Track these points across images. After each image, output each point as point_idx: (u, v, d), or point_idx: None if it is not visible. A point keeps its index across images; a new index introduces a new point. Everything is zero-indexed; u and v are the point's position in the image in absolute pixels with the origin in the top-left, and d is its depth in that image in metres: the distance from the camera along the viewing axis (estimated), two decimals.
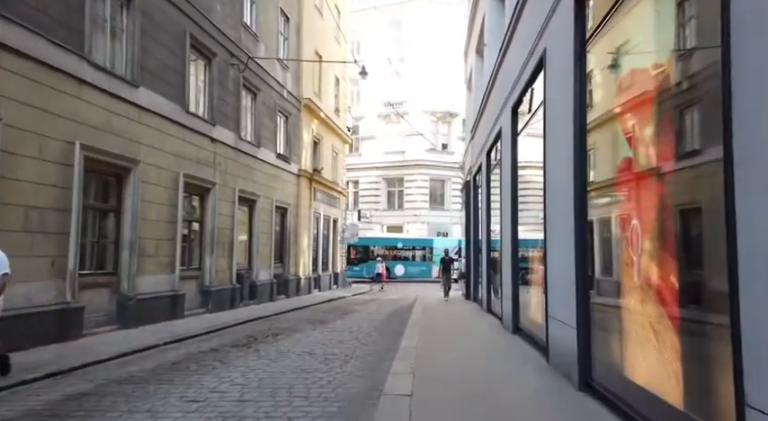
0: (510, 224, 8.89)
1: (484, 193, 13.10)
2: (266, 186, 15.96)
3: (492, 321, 10.74)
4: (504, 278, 9.69)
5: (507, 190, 9.13)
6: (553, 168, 6.04)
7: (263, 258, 15.78)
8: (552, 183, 6.08)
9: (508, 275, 9.06)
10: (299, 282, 18.70)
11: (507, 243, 9.22)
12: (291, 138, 18.22)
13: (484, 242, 13.21)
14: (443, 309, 13.81)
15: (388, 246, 31.64)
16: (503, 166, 9.92)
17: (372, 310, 14.50)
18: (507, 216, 9.18)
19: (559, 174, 5.72)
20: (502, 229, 10.01)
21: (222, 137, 13.04)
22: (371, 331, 10.12)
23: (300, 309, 14.61)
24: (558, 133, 5.80)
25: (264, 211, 15.87)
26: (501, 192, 10.03)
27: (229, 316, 11.95)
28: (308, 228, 19.85)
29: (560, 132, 5.67)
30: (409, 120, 36.89)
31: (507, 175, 9.25)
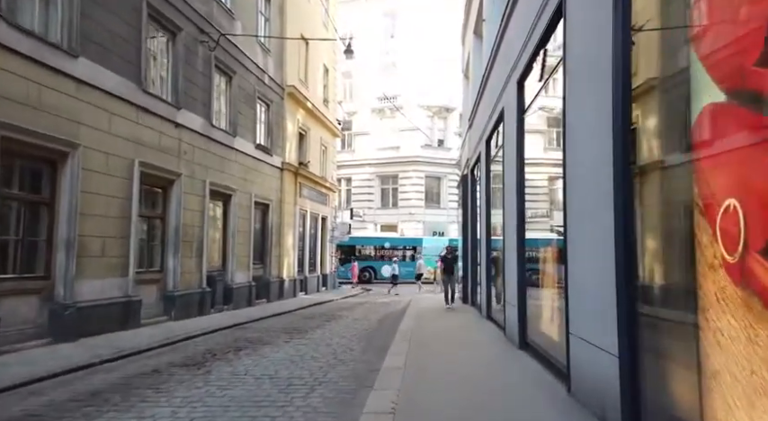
0: (515, 219, 7.49)
1: (483, 186, 11.71)
2: (244, 179, 14.52)
3: (493, 331, 9.34)
4: (509, 281, 8.29)
5: (512, 178, 7.74)
6: (578, 141, 4.64)
7: (241, 259, 14.34)
8: (577, 161, 4.68)
9: (513, 278, 7.67)
10: (282, 285, 17.27)
11: (512, 241, 7.83)
12: (274, 129, 16.78)
13: (483, 241, 11.82)
14: (438, 316, 12.41)
15: (375, 246, 30.22)
16: (506, 152, 8.52)
17: (359, 316, 13.08)
18: (512, 209, 7.78)
19: (588, 148, 4.33)
20: (505, 225, 8.61)
21: (189, 122, 11.60)
22: (354, 343, 8.70)
23: (280, 316, 13.18)
24: (586, 95, 4.41)
25: (242, 207, 14.44)
26: (504, 183, 8.63)
27: (195, 324, 10.51)
28: (293, 227, 18.42)
29: (589, 93, 4.28)
30: (404, 115, 35.53)
31: (512, 163, 7.85)
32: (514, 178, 7.55)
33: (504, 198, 8.69)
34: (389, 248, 30.43)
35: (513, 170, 7.71)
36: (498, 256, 10.49)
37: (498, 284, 10.37)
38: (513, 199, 7.63)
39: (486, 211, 11.39)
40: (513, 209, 7.72)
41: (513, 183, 7.62)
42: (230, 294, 13.54)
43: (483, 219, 11.88)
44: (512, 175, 7.79)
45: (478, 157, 12.93)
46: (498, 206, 10.83)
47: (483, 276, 11.79)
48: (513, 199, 7.73)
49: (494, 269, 10.81)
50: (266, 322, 11.83)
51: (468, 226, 15.65)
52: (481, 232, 12.19)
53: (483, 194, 11.80)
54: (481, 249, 12.30)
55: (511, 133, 8.01)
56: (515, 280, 7.47)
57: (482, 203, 12.03)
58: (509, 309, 8.16)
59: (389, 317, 12.82)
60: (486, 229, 11.40)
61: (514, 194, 7.56)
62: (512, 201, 7.81)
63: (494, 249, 11.13)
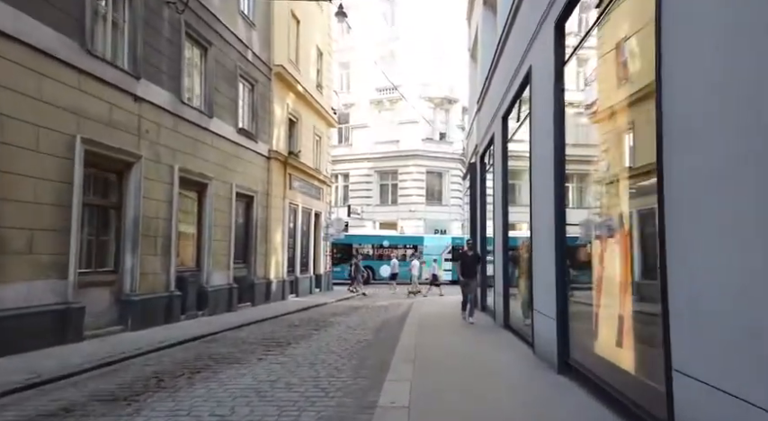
0: (552, 205, 5.75)
1: (498, 172, 9.95)
2: (222, 167, 12.76)
3: (516, 346, 7.57)
4: (540, 285, 6.54)
5: (546, 153, 5.99)
6: None
7: (219, 257, 12.57)
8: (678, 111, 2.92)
9: (547, 282, 5.92)
10: (269, 287, 15.50)
11: (545, 234, 6.08)
12: (259, 112, 15.02)
13: (498, 237, 10.06)
14: (444, 324, 10.65)
15: (373, 245, 28.44)
16: (535, 123, 6.77)
17: (354, 324, 11.32)
18: (546, 194, 6.04)
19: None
20: (535, 215, 6.87)
21: (153, 96, 9.84)
22: (343, 362, 6.93)
23: (262, 323, 11.41)
24: None
25: (220, 198, 12.67)
26: (533, 162, 6.88)
27: (155, 335, 8.75)
28: (281, 222, 16.65)
29: None
30: (404, 106, 33.76)
31: (544, 134, 6.11)
32: (550, 153, 5.80)
33: (532, 181, 6.94)
34: (388, 247, 28.64)
35: (546, 144, 5.97)
36: (520, 254, 8.76)
37: (522, 288, 8.63)
38: (549, 180, 5.88)
39: (502, 201, 9.63)
40: (547, 193, 5.97)
41: (549, 159, 5.87)
42: (205, 298, 11.77)
43: (498, 210, 10.13)
44: (545, 150, 6.04)
45: (491, 140, 11.19)
46: (520, 194, 9.09)
47: (499, 278, 10.04)
48: (547, 180, 5.98)
49: (515, 270, 9.06)
50: (244, 331, 10.07)
51: (478, 220, 13.89)
52: (496, 226, 10.44)
53: (498, 182, 10.05)
54: (496, 246, 10.57)
55: (543, 96, 6.26)
56: (552, 283, 5.72)
57: (496, 193, 10.28)
58: (540, 321, 6.41)
59: (388, 325, 11.06)
60: (502, 223, 9.65)
61: (550, 174, 5.81)
62: (545, 184, 6.06)
63: (513, 248, 9.40)
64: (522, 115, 8.29)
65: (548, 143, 5.92)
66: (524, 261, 8.15)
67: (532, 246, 6.90)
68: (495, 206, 10.43)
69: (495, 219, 10.44)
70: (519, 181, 9.41)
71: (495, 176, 10.40)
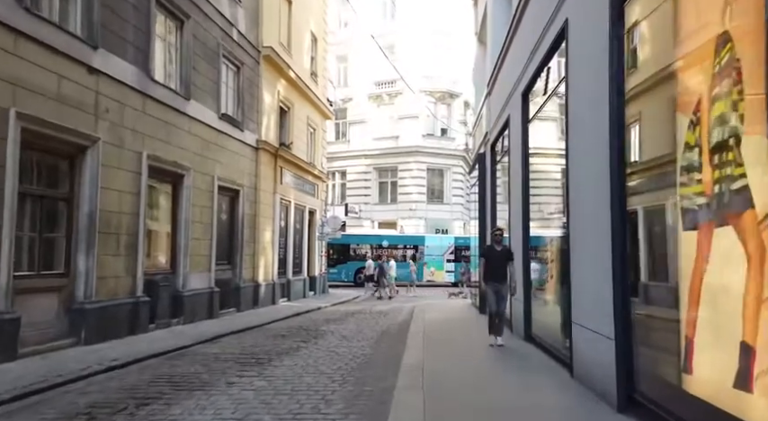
0: (607, 189, 4.36)
1: (517, 159, 8.56)
2: (202, 157, 11.35)
3: (548, 367, 6.16)
4: (582, 292, 5.15)
5: (596, 121, 4.61)
6: None
7: (198, 258, 11.16)
8: None
9: (600, 289, 4.52)
10: (256, 291, 14.09)
11: (594, 228, 4.69)
12: (245, 97, 13.62)
13: (516, 234, 8.67)
14: (453, 331, 9.26)
15: (371, 245, 27.02)
16: (575, 87, 5.39)
17: (349, 333, 9.90)
18: (595, 174, 4.65)
19: None
20: (574, 206, 5.48)
21: (113, 69, 8.43)
22: (333, 389, 5.52)
23: (244, 332, 10.01)
24: None
25: (200, 192, 11.26)
26: (572, 140, 5.50)
27: (111, 351, 7.35)
28: (271, 219, 15.25)
29: None
30: (404, 101, 32.39)
31: (592, 99, 4.74)
32: (603, 121, 4.41)
33: (571, 163, 5.55)
34: (388, 247, 27.23)
35: (597, 111, 4.58)
36: (548, 256, 7.39)
37: (550, 295, 7.25)
38: (600, 157, 4.49)
39: (521, 192, 8.23)
40: (596, 175, 4.59)
41: (600, 129, 4.48)
42: (181, 304, 10.36)
43: (516, 203, 8.75)
44: (595, 119, 4.65)
45: (505, 124, 9.80)
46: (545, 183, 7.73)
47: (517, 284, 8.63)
48: (596, 158, 4.59)
49: (544, 273, 7.67)
50: (221, 343, 8.66)
51: (487, 216, 12.51)
52: (513, 222, 9.06)
53: (516, 170, 8.66)
54: (512, 245, 9.19)
55: (589, 51, 4.87)
56: (605, 292, 4.32)
57: (514, 183, 8.89)
58: (584, 338, 5.01)
59: (388, 336, 9.66)
60: (521, 217, 8.25)
61: (603, 148, 4.42)
62: (594, 163, 4.67)
63: (536, 248, 8.02)
64: (551, 87, 6.91)
65: (599, 109, 4.52)
66: (555, 262, 6.78)
67: (570, 244, 5.51)
68: (513, 198, 9.03)
69: (513, 213, 9.04)
70: (541, 168, 8.04)
71: (513, 164, 9.01)
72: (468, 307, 14.97)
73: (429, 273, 27.13)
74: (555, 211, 6.99)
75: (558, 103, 6.78)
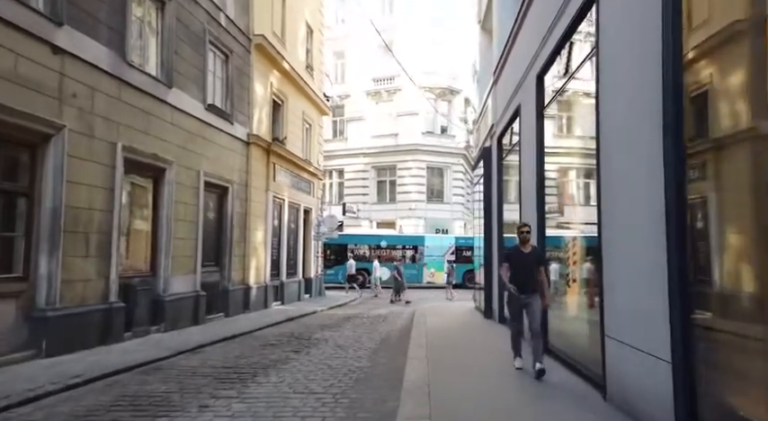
0: (659, 177, 3.54)
1: (530, 149, 7.74)
2: (186, 150, 10.50)
3: (573, 386, 5.31)
4: (619, 301, 4.33)
5: (642, 95, 3.79)
6: None
7: (181, 259, 10.31)
8: None
9: (647, 300, 3.70)
10: (247, 294, 13.23)
11: (646, 222, 3.87)
12: (235, 88, 12.77)
13: None
14: (458, 344, 8.44)
15: (370, 246, 26.15)
16: (609, 57, 4.57)
17: (345, 341, 9.05)
18: (648, 161, 3.83)
19: None
20: (609, 200, 4.67)
21: (82, 50, 7.59)
22: (323, 414, 4.68)
23: (230, 340, 9.16)
24: None
25: (183, 188, 10.41)
26: (605, 122, 4.68)
27: (75, 364, 6.50)
28: (264, 218, 14.40)
29: None
30: (403, 98, 31.57)
31: (632, 70, 3.92)
32: (655, 94, 3.59)
33: (603, 151, 4.74)
34: (386, 248, 26.39)
35: (646, 80, 3.76)
36: (568, 258, 6.58)
37: (573, 301, 6.45)
38: (649, 137, 3.67)
39: (536, 186, 7.41)
40: (641, 162, 3.77)
41: (651, 105, 3.66)
42: (161, 309, 9.51)
43: (528, 201, 7.94)
44: (642, 92, 3.83)
45: (515, 113, 8.98)
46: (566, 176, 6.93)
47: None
48: (642, 140, 3.77)
49: (564, 277, 6.85)
50: (202, 354, 7.81)
51: (493, 214, 11.69)
52: (525, 220, 8.24)
53: (529, 162, 7.85)
54: None
55: (629, 13, 4.05)
56: (657, 303, 3.50)
57: (527, 177, 8.08)
58: (623, 357, 4.18)
59: (388, 345, 8.81)
60: (536, 214, 7.43)
61: (654, 126, 3.59)
62: (639, 148, 3.85)
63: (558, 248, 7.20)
64: (572, 66, 6.09)
65: (645, 76, 3.70)
66: (578, 264, 5.96)
67: (603, 243, 4.69)
68: (525, 194, 8.21)
69: (525, 210, 8.22)
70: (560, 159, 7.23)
71: (525, 156, 8.18)
72: (472, 311, 14.14)
73: (429, 274, 26.30)
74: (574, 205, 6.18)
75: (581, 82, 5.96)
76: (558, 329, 6.86)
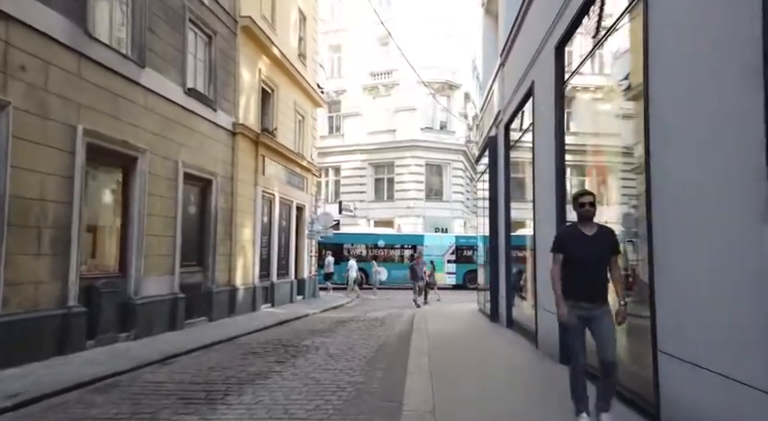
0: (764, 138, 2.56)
1: (548, 130, 6.78)
2: (163, 138, 9.52)
3: (614, 409, 4.35)
4: (677, 312, 3.34)
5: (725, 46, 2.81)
6: None
7: (156, 259, 9.32)
8: None
9: (738, 308, 2.73)
10: (233, 296, 12.24)
11: (723, 206, 2.89)
12: (219, 73, 11.79)
13: (546, 227, 6.90)
14: (466, 355, 7.46)
15: (367, 245, 25.15)
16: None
17: (337, 349, 8.06)
18: (736, 120, 2.85)
19: None
20: (659, 175, 3.69)
21: (31, 17, 6.60)
22: None
23: (208, 348, 8.18)
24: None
25: (159, 180, 9.42)
26: (656, 89, 3.71)
27: (22, 379, 5.51)
28: (251, 214, 13.42)
29: None
30: (401, 92, 30.60)
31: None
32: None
33: (653, 125, 3.77)
34: (384, 247, 25.42)
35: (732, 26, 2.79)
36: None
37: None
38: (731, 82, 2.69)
39: (555, 173, 6.44)
40: (715, 118, 2.80)
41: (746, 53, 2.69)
42: (133, 314, 8.51)
43: (544, 191, 6.98)
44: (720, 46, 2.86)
45: (528, 94, 8.02)
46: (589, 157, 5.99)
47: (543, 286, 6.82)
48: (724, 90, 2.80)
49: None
50: (173, 366, 6.83)
51: (500, 209, 10.73)
52: (541, 212, 7.28)
53: (546, 147, 6.88)
54: (539, 241, 7.42)
55: None
56: (752, 311, 2.53)
57: (543, 163, 7.12)
58: (685, 378, 3.21)
59: (386, 352, 7.82)
60: (555, 204, 6.46)
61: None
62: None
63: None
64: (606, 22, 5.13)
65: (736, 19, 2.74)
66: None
67: (653, 236, 3.72)
68: (540, 185, 7.24)
69: (541, 203, 7.25)
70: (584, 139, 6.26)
71: (541, 139, 7.22)
72: (476, 314, 13.18)
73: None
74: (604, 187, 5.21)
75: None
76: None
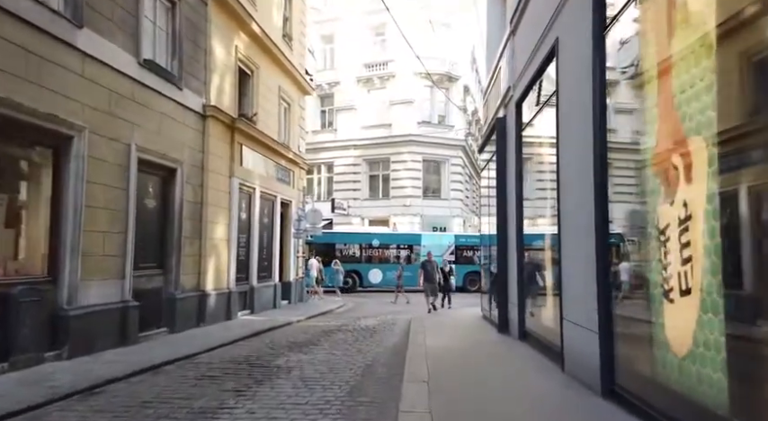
0: None
1: (582, 95, 5.25)
2: (109, 115, 7.96)
3: None
4: None
5: None
6: None
7: (99, 260, 7.76)
8: None
9: None
10: (203, 302, 10.68)
11: None
12: (186, 46, 10.23)
13: (583, 218, 5.37)
14: (475, 373, 5.89)
15: (361, 245, 23.55)
16: None
17: (313, 373, 6.48)
18: None
19: None
20: None
21: None
22: None
23: (158, 369, 6.62)
24: None
25: (105, 166, 7.86)
26: None
27: None
28: (227, 209, 11.86)
29: None
30: (397, 85, 29.08)
31: None
32: None
33: None
34: (379, 247, 23.87)
35: None
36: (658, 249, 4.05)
37: None
38: None
39: (595, 154, 4.91)
40: None
41: None
42: (65, 327, 6.95)
43: (575, 177, 5.46)
44: None
45: (550, 54, 6.50)
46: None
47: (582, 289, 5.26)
48: None
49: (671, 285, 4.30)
50: (96, 399, 5.26)
51: (510, 200, 9.21)
52: (568, 208, 5.76)
53: (578, 122, 5.36)
54: (566, 235, 5.90)
55: None
56: None
57: (571, 146, 5.59)
58: None
59: (374, 377, 6.26)
60: (593, 190, 4.93)
61: None
62: None
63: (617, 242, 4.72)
64: None
65: None
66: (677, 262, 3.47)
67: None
68: (569, 165, 5.72)
69: (569, 187, 5.73)
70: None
71: (569, 108, 5.70)
72: (479, 322, 11.66)
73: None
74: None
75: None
76: (627, 361, 4.35)
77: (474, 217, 33.26)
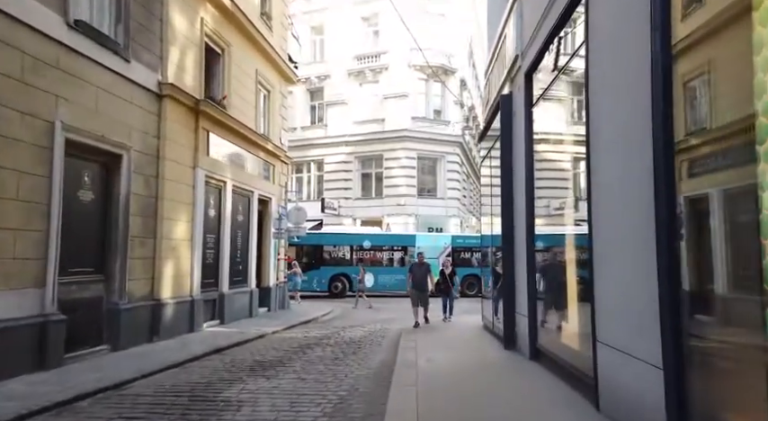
0: None
1: (632, 37, 3.70)
2: (23, 84, 6.40)
3: None
4: None
5: None
6: None
7: (9, 264, 6.20)
8: None
9: None
10: (158, 313, 9.09)
11: None
12: (135, 11, 8.68)
13: (637, 204, 3.82)
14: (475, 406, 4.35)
15: (351, 247, 21.94)
16: None
17: (268, 411, 4.90)
18: None
19: None
20: None
21: None
22: None
23: (69, 406, 5.04)
24: None
25: (17, 146, 6.31)
26: None
27: None
28: (190, 205, 10.29)
29: None
30: (390, 78, 27.57)
31: None
32: None
33: None
34: (371, 249, 22.31)
35: None
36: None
37: None
38: None
39: (660, 111, 3.37)
40: None
41: None
42: None
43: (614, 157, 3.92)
44: None
45: (564, 15, 4.98)
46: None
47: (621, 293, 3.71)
48: None
49: None
50: None
51: (517, 191, 7.68)
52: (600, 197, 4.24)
53: (621, 78, 3.82)
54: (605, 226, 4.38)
55: None
56: None
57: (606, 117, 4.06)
58: None
59: (347, 412, 4.73)
60: (661, 161, 3.39)
61: None
62: None
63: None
64: None
65: None
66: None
67: None
68: (603, 141, 4.20)
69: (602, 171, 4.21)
70: None
71: (610, 64, 4.18)
72: (481, 334, 10.13)
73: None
74: None
75: None
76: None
77: (471, 217, 31.76)
